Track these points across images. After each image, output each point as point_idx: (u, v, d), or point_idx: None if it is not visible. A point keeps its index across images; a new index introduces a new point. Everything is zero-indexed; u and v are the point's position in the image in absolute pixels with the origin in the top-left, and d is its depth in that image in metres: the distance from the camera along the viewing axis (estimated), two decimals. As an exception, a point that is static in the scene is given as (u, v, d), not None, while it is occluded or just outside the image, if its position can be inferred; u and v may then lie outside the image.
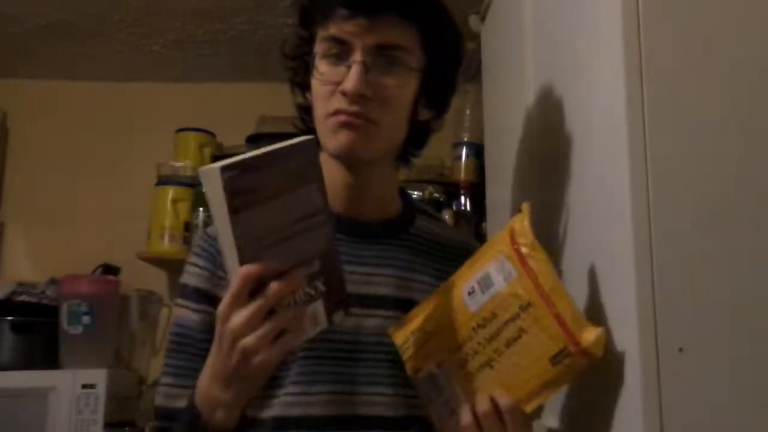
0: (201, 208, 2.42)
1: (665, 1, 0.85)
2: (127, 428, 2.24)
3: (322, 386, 0.95)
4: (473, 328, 0.88)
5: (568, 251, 1.06)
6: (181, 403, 0.94)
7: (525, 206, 0.92)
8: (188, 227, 2.44)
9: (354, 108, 0.93)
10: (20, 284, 2.34)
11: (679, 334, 0.79)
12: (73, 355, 2.17)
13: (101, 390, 2.10)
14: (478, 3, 1.85)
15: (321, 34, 0.96)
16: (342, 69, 0.94)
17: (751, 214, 0.82)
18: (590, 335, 0.83)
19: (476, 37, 1.90)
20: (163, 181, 2.51)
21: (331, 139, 0.96)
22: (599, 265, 0.95)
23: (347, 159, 0.98)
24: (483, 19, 1.82)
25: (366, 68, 0.93)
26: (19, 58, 2.58)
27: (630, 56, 0.84)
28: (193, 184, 2.47)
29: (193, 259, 1.02)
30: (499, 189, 1.60)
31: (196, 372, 0.96)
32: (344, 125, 0.94)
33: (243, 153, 0.76)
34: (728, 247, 0.81)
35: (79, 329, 2.17)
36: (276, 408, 0.95)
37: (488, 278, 0.89)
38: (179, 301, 1.02)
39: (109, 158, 2.69)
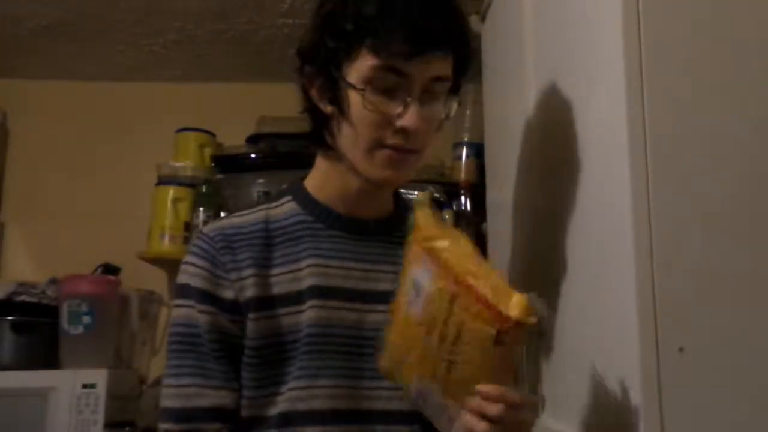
0: (201, 208, 2.42)
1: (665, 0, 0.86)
2: (127, 428, 2.24)
3: (326, 380, 0.96)
4: (423, 337, 0.86)
5: (569, 251, 1.06)
6: (203, 402, 0.94)
7: (419, 198, 0.91)
8: (188, 227, 2.43)
9: (410, 145, 0.95)
10: (20, 284, 2.33)
11: (679, 334, 0.79)
12: (73, 355, 2.17)
13: (101, 390, 2.09)
14: (478, 3, 1.85)
15: (374, 62, 0.93)
16: (396, 102, 0.94)
17: (751, 215, 0.82)
18: (515, 307, 0.79)
19: (476, 37, 1.90)
20: (163, 181, 2.50)
21: (376, 170, 0.97)
22: (599, 265, 0.95)
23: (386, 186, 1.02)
24: (483, 19, 1.82)
25: (420, 103, 0.94)
26: (19, 58, 2.57)
27: (630, 55, 0.84)
28: (193, 184, 2.47)
29: (191, 258, 1.01)
30: (499, 189, 1.60)
31: (211, 371, 0.96)
32: (394, 163, 0.96)
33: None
34: (728, 247, 0.81)
35: (79, 329, 2.17)
36: (282, 404, 0.96)
37: (417, 284, 0.88)
38: (181, 301, 1.01)
39: (109, 158, 2.69)
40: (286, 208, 1.04)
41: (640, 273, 0.81)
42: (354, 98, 0.95)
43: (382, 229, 1.05)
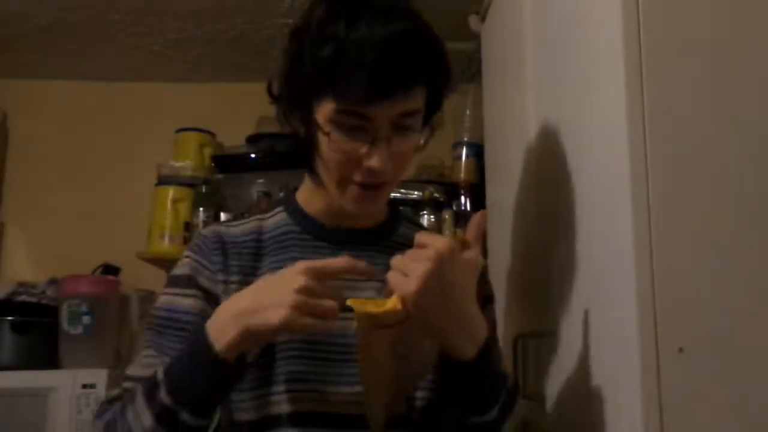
0: (201, 208, 2.41)
1: (666, 0, 0.86)
2: (127, 428, 2.24)
3: (308, 384, 0.97)
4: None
5: (569, 251, 1.06)
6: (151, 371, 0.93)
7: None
8: (188, 227, 2.43)
9: (380, 180, 0.96)
10: (20, 284, 2.34)
11: (679, 334, 0.79)
12: (73, 355, 2.17)
13: (101, 390, 2.09)
14: (478, 3, 1.85)
15: (335, 105, 0.92)
16: (360, 143, 0.93)
17: (751, 214, 0.82)
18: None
19: (476, 37, 1.90)
20: (163, 181, 2.50)
21: (348, 203, 0.98)
22: (599, 265, 0.95)
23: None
24: (483, 19, 1.82)
25: (388, 141, 0.93)
26: (19, 58, 2.57)
27: (630, 55, 0.84)
28: (193, 184, 2.47)
29: (186, 253, 1.05)
30: (499, 189, 1.60)
31: (168, 350, 0.97)
32: (365, 199, 0.97)
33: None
34: (728, 248, 0.81)
35: (79, 329, 2.17)
36: (266, 407, 0.97)
37: None
38: (166, 290, 1.02)
39: (109, 158, 2.69)
40: (277, 218, 1.07)
41: (640, 273, 0.81)
42: (321, 137, 0.95)
43: (369, 239, 1.06)
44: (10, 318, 2.20)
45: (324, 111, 0.93)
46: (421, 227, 1.18)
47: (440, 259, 0.84)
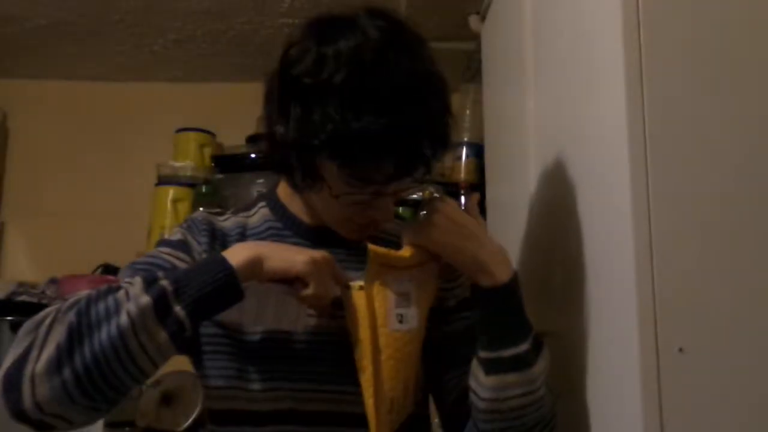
0: (201, 208, 2.41)
1: (666, 0, 0.86)
2: (127, 428, 2.24)
3: (286, 383, 0.98)
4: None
5: (569, 251, 1.06)
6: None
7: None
8: (188, 227, 2.44)
9: (381, 219, 0.99)
10: (20, 284, 2.34)
11: (679, 334, 0.79)
12: (73, 355, 2.17)
13: (101, 390, 2.09)
14: (478, 3, 1.85)
15: (345, 170, 0.90)
16: (365, 194, 0.93)
17: (751, 214, 0.82)
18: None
19: (476, 37, 1.91)
20: (163, 181, 2.51)
21: (346, 233, 1.01)
22: (599, 266, 0.95)
23: None
24: (483, 19, 1.83)
25: (393, 194, 0.95)
26: (19, 58, 2.57)
27: (630, 54, 0.84)
28: (193, 184, 2.47)
29: (177, 228, 1.06)
30: (499, 189, 1.60)
31: None
32: (364, 231, 1.00)
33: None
34: (728, 247, 0.81)
35: (79, 329, 2.16)
36: (238, 401, 0.98)
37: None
38: (157, 248, 1.01)
39: (109, 158, 2.69)
40: (260, 214, 1.07)
41: (640, 273, 0.81)
42: (327, 192, 0.94)
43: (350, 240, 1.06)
44: (10, 318, 2.20)
45: (334, 176, 0.92)
46: (400, 218, 1.18)
47: (443, 205, 0.95)
